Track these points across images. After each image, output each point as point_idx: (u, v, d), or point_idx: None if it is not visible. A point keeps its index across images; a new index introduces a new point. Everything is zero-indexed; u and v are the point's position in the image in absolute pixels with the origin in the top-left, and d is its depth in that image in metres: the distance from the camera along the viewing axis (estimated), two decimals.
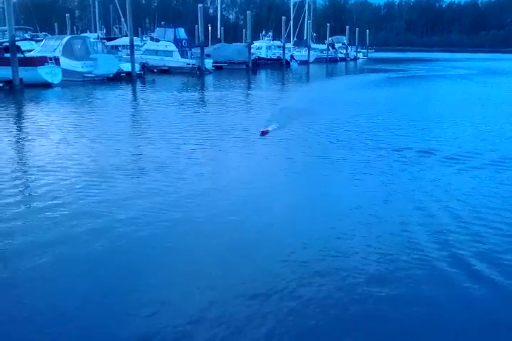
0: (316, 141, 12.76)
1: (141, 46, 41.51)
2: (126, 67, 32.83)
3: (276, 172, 9.72)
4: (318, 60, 61.69)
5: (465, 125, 15.69)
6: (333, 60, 65.60)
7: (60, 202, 7.58)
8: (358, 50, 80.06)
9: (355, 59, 74.82)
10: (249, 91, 28.39)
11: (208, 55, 41.62)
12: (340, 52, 70.98)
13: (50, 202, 7.55)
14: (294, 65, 54.35)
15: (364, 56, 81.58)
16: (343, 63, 65.81)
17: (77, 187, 8.39)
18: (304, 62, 56.90)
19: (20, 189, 8.45)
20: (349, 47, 75.59)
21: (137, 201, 7.65)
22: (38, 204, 7.48)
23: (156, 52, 40.11)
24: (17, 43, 26.60)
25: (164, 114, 17.66)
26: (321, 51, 65.35)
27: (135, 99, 24.40)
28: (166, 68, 39.22)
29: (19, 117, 17.57)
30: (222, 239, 6.32)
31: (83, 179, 8.86)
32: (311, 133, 13.73)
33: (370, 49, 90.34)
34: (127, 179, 9.01)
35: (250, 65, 46.24)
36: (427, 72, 46.02)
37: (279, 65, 51.19)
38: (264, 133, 10.33)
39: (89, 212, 7.10)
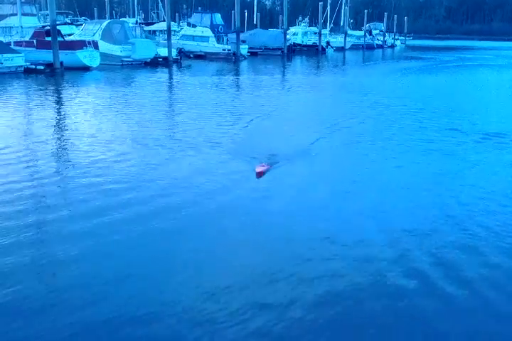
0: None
1: (178, 31, 41.78)
2: (163, 52, 33.19)
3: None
4: (354, 47, 60.91)
5: None
6: (370, 47, 64.60)
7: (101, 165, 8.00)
8: (396, 37, 78.62)
9: (392, 46, 73.51)
10: (281, 77, 28.41)
11: (244, 41, 41.62)
12: (378, 39, 69.84)
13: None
14: (329, 51, 53.85)
15: (402, 43, 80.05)
16: (380, 50, 64.78)
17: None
18: (340, 49, 56.32)
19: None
20: (387, 35, 74.30)
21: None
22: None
23: (193, 38, 40.34)
24: (58, 27, 27.15)
25: (198, 96, 18.02)
26: (358, 38, 64.45)
27: (171, 82, 24.75)
28: (202, 53, 39.45)
29: (61, 98, 18.13)
30: None
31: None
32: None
33: (408, 36, 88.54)
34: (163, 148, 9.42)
35: (285, 51, 46.08)
36: (468, 61, 44.84)
37: (314, 51, 50.81)
38: (259, 174, 7.83)
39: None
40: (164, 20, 38.08)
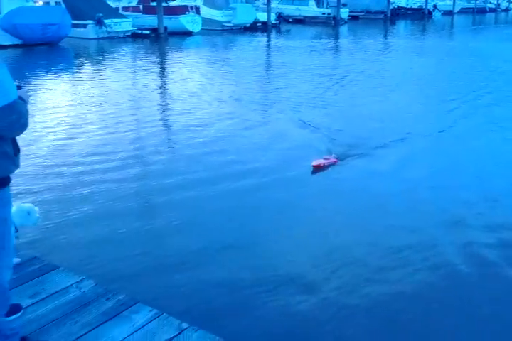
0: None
1: None
2: (263, 16, 33.06)
3: None
4: (464, 11, 57.10)
5: None
6: (482, 11, 60.18)
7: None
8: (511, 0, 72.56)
9: (506, 10, 67.97)
10: (384, 42, 27.29)
11: (345, 5, 40.37)
12: (490, 2, 64.90)
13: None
14: (436, 15, 50.90)
15: None
16: (493, 14, 60.15)
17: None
18: (448, 13, 53.04)
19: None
20: None
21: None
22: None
23: (292, 2, 39.70)
24: None
25: (297, 60, 17.90)
26: (468, 1, 60.29)
27: (270, 46, 24.72)
28: (301, 18, 38.81)
29: (167, 60, 18.88)
30: None
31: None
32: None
33: None
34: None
35: (389, 14, 44.20)
36: None
37: (420, 15, 48.21)
38: (317, 167, 6.87)
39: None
40: None
